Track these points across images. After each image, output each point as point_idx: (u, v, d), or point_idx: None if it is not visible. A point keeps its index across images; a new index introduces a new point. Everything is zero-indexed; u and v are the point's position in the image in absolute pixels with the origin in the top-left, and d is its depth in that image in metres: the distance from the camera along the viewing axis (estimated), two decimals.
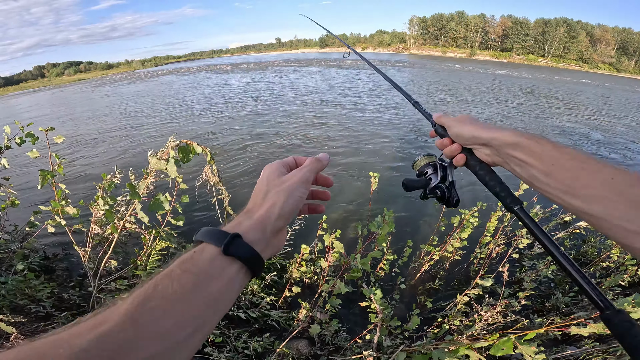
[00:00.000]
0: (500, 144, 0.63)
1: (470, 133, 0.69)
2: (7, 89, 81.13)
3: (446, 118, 0.79)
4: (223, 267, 0.45)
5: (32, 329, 2.11)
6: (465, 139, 0.72)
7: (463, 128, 0.71)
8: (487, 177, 0.69)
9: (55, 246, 3.97)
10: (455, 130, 0.74)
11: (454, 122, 0.75)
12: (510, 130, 0.62)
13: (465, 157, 0.73)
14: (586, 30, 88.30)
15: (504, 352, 1.11)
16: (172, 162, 1.66)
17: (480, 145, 0.69)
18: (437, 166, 0.80)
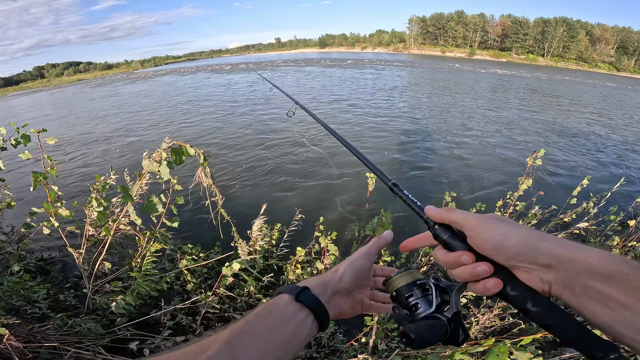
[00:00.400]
0: (580, 270, 0.41)
1: (522, 246, 0.46)
2: (7, 89, 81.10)
3: (457, 213, 0.54)
4: (295, 311, 0.56)
5: (27, 330, 2.09)
6: (509, 254, 0.47)
7: (503, 235, 0.47)
8: (549, 319, 0.44)
9: (51, 248, 3.96)
10: (486, 236, 0.49)
11: (479, 222, 0.50)
12: (599, 251, 0.42)
13: (501, 283, 0.48)
14: (586, 30, 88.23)
15: (500, 358, 1.10)
16: (165, 164, 1.65)
17: (534, 266, 0.45)
18: (430, 288, 0.58)
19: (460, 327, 0.54)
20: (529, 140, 9.39)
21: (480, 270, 0.49)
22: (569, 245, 0.43)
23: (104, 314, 2.50)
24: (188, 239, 3.69)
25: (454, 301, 0.55)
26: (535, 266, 0.45)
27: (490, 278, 0.49)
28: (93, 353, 2.00)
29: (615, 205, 3.49)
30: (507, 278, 0.48)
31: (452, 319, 0.54)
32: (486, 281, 0.49)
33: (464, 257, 0.51)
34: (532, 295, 0.46)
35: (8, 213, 3.20)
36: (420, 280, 0.59)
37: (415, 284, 0.59)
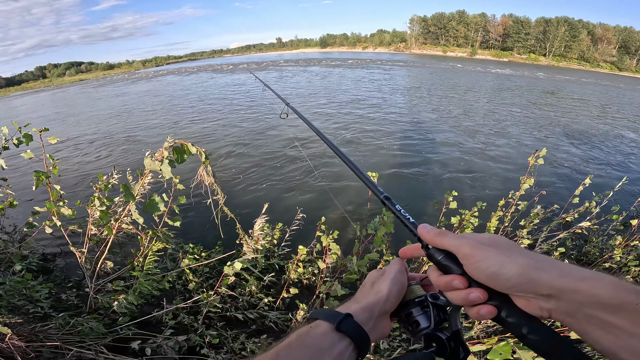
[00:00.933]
0: (583, 302, 0.39)
1: (519, 277, 0.43)
2: (9, 89, 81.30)
3: (450, 239, 0.51)
4: (334, 342, 0.51)
5: (29, 330, 2.09)
6: (505, 286, 0.45)
7: (499, 265, 0.45)
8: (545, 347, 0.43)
9: (54, 247, 3.97)
10: (481, 266, 0.46)
11: (472, 251, 0.48)
12: (606, 280, 0.39)
13: (495, 310, 0.47)
14: (587, 29, 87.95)
15: (502, 357, 1.09)
16: (167, 163, 1.65)
17: (532, 295, 0.43)
18: (428, 306, 0.58)
19: (460, 345, 0.53)
20: (532, 139, 9.37)
21: (473, 297, 0.48)
22: (572, 274, 0.41)
23: (106, 313, 2.51)
24: (190, 239, 3.69)
25: (452, 320, 0.55)
26: (534, 296, 0.43)
27: (484, 305, 0.48)
28: (95, 352, 2.00)
29: (617, 204, 3.47)
30: (503, 304, 0.46)
31: (452, 337, 0.54)
32: (480, 308, 0.48)
33: (455, 282, 0.50)
34: (528, 322, 0.45)
35: (9, 212, 3.21)
36: (419, 298, 0.59)
37: (414, 301, 0.59)
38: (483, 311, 0.47)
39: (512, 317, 0.46)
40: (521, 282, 0.43)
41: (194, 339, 2.36)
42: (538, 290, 0.42)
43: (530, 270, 0.43)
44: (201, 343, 2.35)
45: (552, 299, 0.41)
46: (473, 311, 0.49)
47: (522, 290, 0.44)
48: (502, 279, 0.44)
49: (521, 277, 0.43)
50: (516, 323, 0.46)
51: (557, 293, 0.41)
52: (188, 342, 2.35)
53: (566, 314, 0.41)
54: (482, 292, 0.47)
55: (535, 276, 0.42)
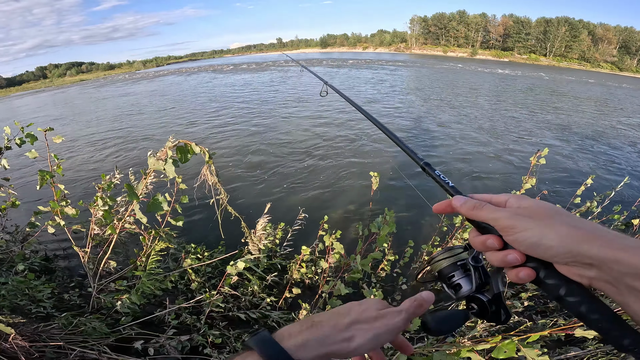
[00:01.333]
0: (625, 272, 0.38)
1: (559, 248, 0.42)
2: (10, 89, 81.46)
3: (487, 211, 0.50)
4: None
5: (32, 330, 2.09)
6: (545, 255, 0.44)
7: (538, 236, 0.44)
8: (584, 308, 0.43)
9: (56, 247, 3.98)
10: (519, 237, 0.46)
11: (511, 223, 0.46)
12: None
13: (534, 272, 0.47)
14: (588, 30, 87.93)
15: (507, 355, 1.09)
16: (170, 162, 1.65)
17: (573, 264, 0.43)
18: (470, 269, 0.58)
19: (501, 308, 0.54)
20: (534, 138, 9.37)
21: (510, 259, 0.47)
22: (614, 243, 0.40)
23: (108, 313, 2.51)
24: (192, 238, 3.70)
25: (493, 283, 0.54)
26: (574, 264, 0.43)
27: (522, 268, 0.47)
28: (98, 352, 2.00)
29: (619, 204, 3.47)
30: (541, 267, 0.46)
31: (493, 300, 0.54)
32: (519, 270, 0.47)
33: (490, 241, 0.49)
34: (566, 283, 0.44)
35: (11, 213, 3.21)
36: (461, 261, 0.59)
37: (456, 264, 0.59)
38: (522, 274, 0.47)
39: (550, 279, 0.46)
40: (561, 253, 0.42)
41: (197, 338, 2.37)
42: (579, 259, 0.41)
43: (571, 240, 0.42)
44: (204, 343, 2.35)
45: (594, 267, 0.41)
46: (512, 273, 0.48)
47: (562, 259, 0.43)
48: (542, 250, 0.44)
49: (561, 248, 0.42)
50: (554, 284, 0.45)
51: (598, 263, 0.40)
52: (191, 342, 2.35)
53: (607, 282, 0.41)
54: (519, 253, 0.47)
55: (576, 246, 0.41)
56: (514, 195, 0.51)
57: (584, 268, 0.42)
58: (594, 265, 0.40)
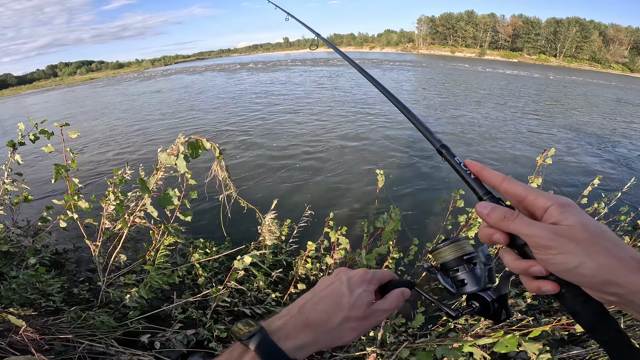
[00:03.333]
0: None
1: (593, 277, 0.39)
2: (21, 87, 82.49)
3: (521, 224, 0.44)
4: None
5: (42, 323, 2.14)
6: (576, 280, 0.42)
7: (575, 264, 0.40)
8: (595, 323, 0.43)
9: (66, 241, 4.05)
10: (553, 260, 0.41)
11: (547, 243, 0.41)
12: None
13: (558, 287, 0.44)
14: (599, 30, 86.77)
15: (508, 350, 1.11)
16: (182, 158, 1.69)
17: (605, 292, 0.40)
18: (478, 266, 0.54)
19: (503, 308, 0.52)
20: (541, 138, 9.30)
21: (535, 271, 0.44)
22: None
23: (116, 307, 2.55)
24: (199, 234, 3.74)
25: (502, 284, 0.53)
26: (601, 290, 0.40)
27: (547, 281, 0.44)
28: (106, 346, 2.04)
29: (625, 205, 3.45)
30: (563, 281, 0.43)
31: (497, 300, 0.52)
32: (542, 283, 0.44)
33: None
34: (586, 301, 0.43)
35: (21, 206, 3.27)
36: (468, 255, 0.55)
37: (463, 258, 0.55)
38: (546, 287, 0.44)
39: (571, 294, 0.44)
40: (594, 282, 0.40)
41: (202, 332, 2.40)
42: (607, 289, 0.39)
43: (608, 271, 0.38)
44: (209, 337, 2.38)
45: (618, 296, 0.39)
46: (533, 284, 0.45)
47: (592, 286, 0.41)
48: (574, 275, 0.41)
49: (595, 278, 0.39)
50: (573, 301, 0.44)
51: (626, 292, 0.38)
52: (196, 336, 2.39)
53: (629, 306, 0.39)
54: (540, 268, 0.44)
55: (612, 278, 0.38)
56: (557, 202, 0.43)
57: (610, 295, 0.40)
58: (621, 294, 0.39)
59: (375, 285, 0.60)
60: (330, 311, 0.55)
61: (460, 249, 0.56)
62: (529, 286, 0.46)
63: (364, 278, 0.59)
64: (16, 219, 3.35)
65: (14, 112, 23.84)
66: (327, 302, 0.56)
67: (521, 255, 0.47)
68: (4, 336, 1.76)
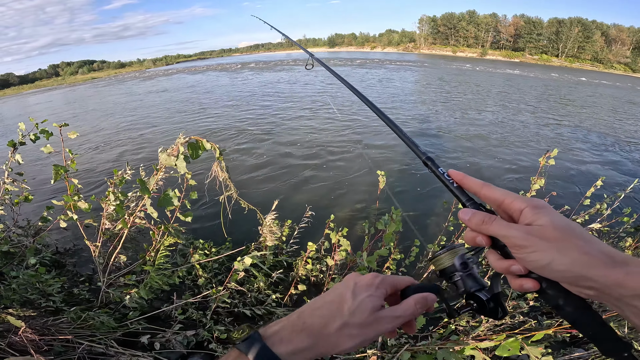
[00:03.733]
0: (627, 294, 0.40)
1: (566, 272, 0.43)
2: (22, 87, 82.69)
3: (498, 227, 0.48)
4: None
5: (41, 323, 2.13)
6: (551, 276, 0.45)
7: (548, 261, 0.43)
8: (579, 317, 0.47)
9: (66, 241, 4.04)
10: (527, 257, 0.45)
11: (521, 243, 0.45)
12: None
13: (538, 284, 0.48)
14: (601, 30, 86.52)
15: (510, 353, 1.10)
16: (182, 158, 1.68)
17: (580, 286, 0.43)
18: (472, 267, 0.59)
19: (499, 306, 0.55)
20: (544, 139, 9.28)
21: (515, 270, 0.48)
22: (619, 267, 0.40)
23: (116, 308, 2.55)
24: (200, 234, 3.74)
25: (493, 284, 0.56)
26: (577, 285, 0.44)
27: (528, 279, 0.48)
28: (105, 346, 2.03)
29: (629, 206, 3.43)
30: (544, 279, 0.47)
31: (491, 298, 0.55)
32: (523, 281, 0.48)
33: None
34: (566, 296, 0.46)
35: (22, 206, 3.27)
36: (463, 260, 0.59)
37: (458, 263, 0.59)
38: (527, 285, 0.48)
39: (551, 290, 0.47)
40: (567, 276, 0.43)
41: (202, 333, 2.39)
42: (582, 283, 0.42)
43: (580, 266, 0.42)
44: (209, 338, 2.37)
45: (595, 289, 0.42)
46: (516, 283, 0.49)
47: (567, 281, 0.44)
48: (548, 271, 0.44)
49: (568, 272, 0.43)
50: (554, 296, 0.47)
51: (600, 286, 0.41)
52: (196, 337, 2.38)
53: (606, 300, 0.42)
54: (520, 267, 0.48)
55: (583, 272, 0.41)
56: (531, 204, 0.47)
57: (586, 289, 0.43)
58: (596, 287, 0.41)
59: (384, 291, 0.58)
60: (328, 316, 0.53)
61: (456, 254, 0.60)
62: (513, 284, 0.50)
63: (371, 283, 0.58)
64: (17, 219, 3.36)
65: (18, 112, 23.90)
66: (328, 308, 0.55)
67: (503, 256, 0.51)
68: (3, 337, 1.75)
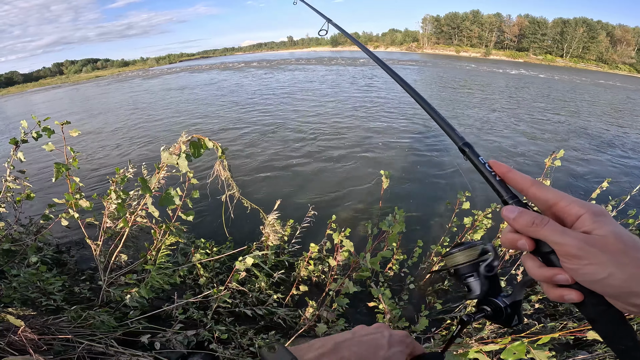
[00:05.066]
0: None
1: (620, 288, 0.38)
2: (26, 85, 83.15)
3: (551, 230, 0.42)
4: None
5: (42, 322, 2.12)
6: (602, 291, 0.41)
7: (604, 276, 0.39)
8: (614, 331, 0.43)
9: (68, 239, 4.04)
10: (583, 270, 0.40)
11: (577, 252, 0.40)
12: None
13: (582, 296, 0.42)
14: (606, 31, 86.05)
15: (516, 357, 1.07)
16: (184, 157, 1.67)
17: (628, 302, 0.40)
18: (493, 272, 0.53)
19: (516, 314, 0.51)
20: (549, 140, 9.22)
21: (561, 279, 0.42)
22: None
23: (117, 307, 2.54)
24: (201, 234, 3.73)
25: (518, 290, 0.52)
26: (625, 300, 0.40)
27: (571, 290, 0.43)
28: (105, 346, 2.02)
29: (634, 209, 3.39)
30: (587, 290, 0.42)
31: (510, 305, 0.51)
32: (566, 291, 0.43)
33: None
34: (606, 308, 0.42)
35: (24, 204, 3.26)
36: (485, 260, 0.53)
37: (478, 263, 0.53)
38: (569, 296, 0.43)
39: (592, 302, 0.43)
40: (619, 292, 0.39)
41: (203, 333, 2.38)
42: (631, 300, 0.39)
43: (635, 283, 0.37)
44: (210, 338, 2.36)
45: (638, 307, 0.39)
46: (555, 292, 0.44)
47: (616, 297, 0.40)
48: (600, 286, 0.40)
49: (622, 289, 0.38)
50: (594, 309, 0.43)
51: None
52: (197, 337, 2.37)
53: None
54: (568, 277, 0.42)
55: (636, 289, 0.37)
56: (590, 210, 0.42)
57: (632, 306, 0.39)
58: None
59: (409, 352, 0.61)
60: (365, 357, 0.55)
61: (475, 252, 0.54)
62: (551, 294, 0.45)
63: (403, 340, 0.61)
64: (18, 217, 3.35)
65: (22, 110, 23.99)
66: (364, 348, 0.57)
67: (545, 263, 0.45)
68: (3, 336, 1.74)
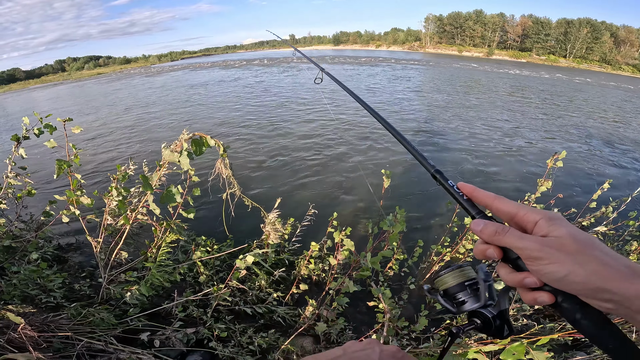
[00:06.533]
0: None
1: (585, 284, 0.41)
2: (29, 82, 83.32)
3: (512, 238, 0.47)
4: None
5: (41, 320, 2.13)
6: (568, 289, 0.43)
7: (565, 273, 0.42)
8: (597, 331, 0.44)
9: (69, 236, 4.05)
10: (544, 269, 0.44)
11: (537, 254, 0.44)
12: None
13: (553, 297, 0.45)
14: (610, 31, 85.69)
15: (515, 357, 1.07)
16: (185, 155, 1.67)
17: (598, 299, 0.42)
18: (478, 288, 0.56)
19: (505, 324, 0.53)
20: (551, 141, 9.20)
21: (529, 282, 0.46)
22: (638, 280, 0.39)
23: (117, 304, 2.54)
24: (202, 231, 3.73)
25: (501, 300, 0.54)
26: (595, 298, 0.42)
27: (542, 292, 0.46)
28: (105, 343, 2.02)
29: (635, 210, 3.39)
30: (559, 291, 0.45)
31: (498, 315, 0.53)
32: (537, 294, 0.46)
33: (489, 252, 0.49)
34: (583, 309, 0.44)
35: (25, 200, 3.27)
36: (470, 280, 0.57)
37: (464, 284, 0.56)
38: (541, 299, 0.46)
39: (567, 303, 0.45)
40: (586, 289, 0.42)
41: (203, 331, 2.38)
42: (600, 296, 0.41)
43: (597, 278, 0.40)
44: (209, 336, 2.37)
45: (613, 302, 0.41)
46: (528, 296, 0.47)
47: (584, 294, 0.42)
48: (565, 283, 0.43)
49: (586, 285, 0.41)
50: (571, 309, 0.45)
51: (619, 299, 0.40)
52: (196, 335, 2.37)
53: (625, 313, 0.41)
54: (536, 280, 0.46)
55: (601, 285, 0.40)
56: (546, 215, 0.46)
57: (604, 301, 0.41)
58: (615, 300, 0.40)
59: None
60: None
61: (462, 274, 0.57)
62: (526, 298, 0.48)
63: (395, 355, 0.61)
64: (19, 213, 3.36)
65: (23, 106, 24.02)
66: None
67: (515, 269, 0.49)
68: (2, 333, 1.74)
